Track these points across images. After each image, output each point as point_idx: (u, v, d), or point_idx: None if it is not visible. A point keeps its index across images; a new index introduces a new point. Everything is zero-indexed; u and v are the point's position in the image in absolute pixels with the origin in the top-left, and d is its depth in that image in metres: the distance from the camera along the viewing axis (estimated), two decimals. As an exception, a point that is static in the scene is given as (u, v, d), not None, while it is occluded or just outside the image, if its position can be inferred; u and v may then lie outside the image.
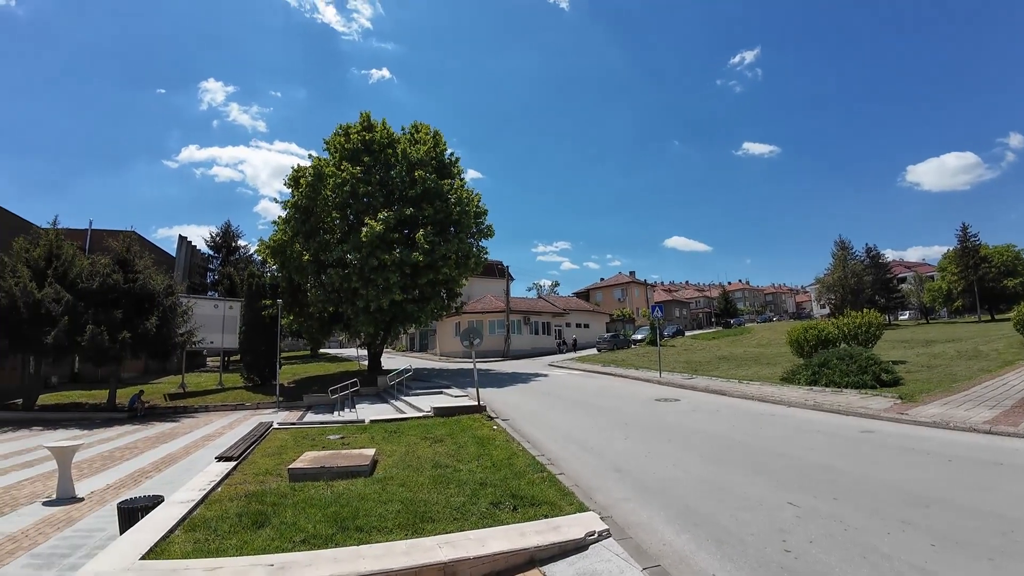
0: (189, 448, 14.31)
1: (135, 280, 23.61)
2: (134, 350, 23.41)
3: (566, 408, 15.44)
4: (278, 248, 26.67)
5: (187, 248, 45.30)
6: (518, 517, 5.73)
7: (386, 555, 4.52)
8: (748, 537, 5.34)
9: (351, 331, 28.56)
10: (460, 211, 27.44)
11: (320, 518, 5.74)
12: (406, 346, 65.07)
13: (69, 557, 6.28)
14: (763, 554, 4.95)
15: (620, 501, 6.69)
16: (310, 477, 7.51)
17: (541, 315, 50.08)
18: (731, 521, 5.79)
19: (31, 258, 22.79)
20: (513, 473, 7.52)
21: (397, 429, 11.94)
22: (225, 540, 5.25)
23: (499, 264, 54.60)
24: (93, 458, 12.93)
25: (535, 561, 4.82)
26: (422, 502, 6.26)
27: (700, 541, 5.33)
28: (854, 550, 4.94)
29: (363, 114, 28.95)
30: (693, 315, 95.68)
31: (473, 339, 15.36)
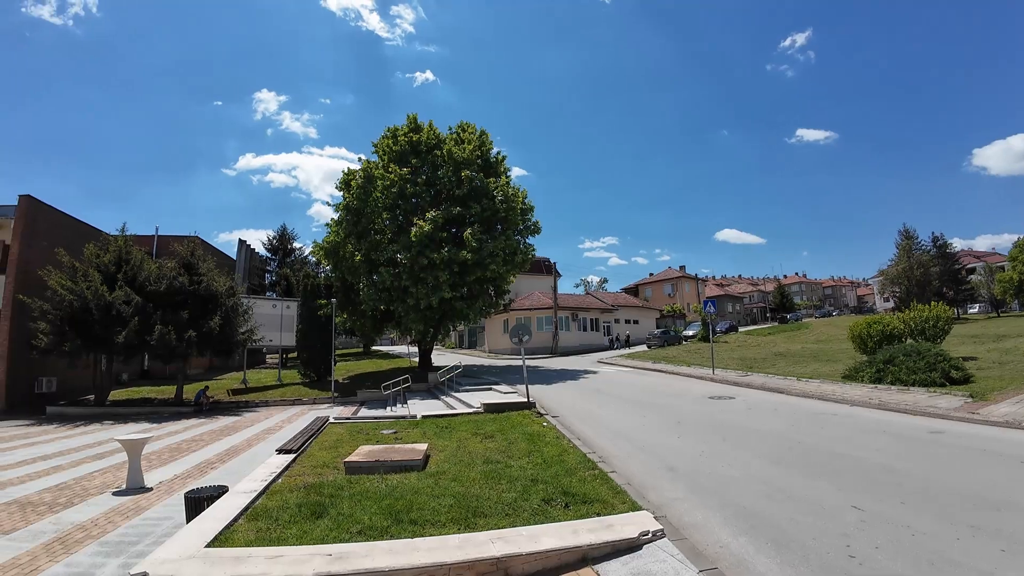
0: (251, 441, 14.92)
1: (199, 282, 24.82)
2: (199, 348, 24.63)
3: (616, 405, 15.28)
4: (331, 249, 27.42)
5: (246, 251, 47.22)
6: (570, 515, 5.71)
7: (440, 548, 4.60)
8: (810, 541, 5.15)
9: (402, 329, 29.12)
10: (506, 208, 27.56)
11: (375, 510, 5.89)
12: (455, 343, 65.83)
13: (137, 545, 6.63)
14: (825, 559, 4.77)
15: (674, 501, 6.57)
16: (365, 470, 7.71)
17: (589, 311, 49.71)
18: (791, 524, 5.60)
19: (102, 263, 24.21)
20: (564, 470, 7.50)
21: (448, 425, 12.11)
22: (285, 529, 5.45)
23: (546, 261, 54.51)
24: (161, 450, 13.63)
25: (588, 559, 4.80)
26: (474, 497, 6.33)
27: (759, 544, 5.17)
28: (921, 556, 4.71)
29: (410, 116, 29.43)
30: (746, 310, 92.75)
31: (522, 336, 15.40)
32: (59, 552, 6.39)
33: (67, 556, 6.25)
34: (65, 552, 6.39)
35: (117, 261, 24.54)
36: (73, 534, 7.12)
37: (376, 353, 49.98)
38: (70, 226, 29.15)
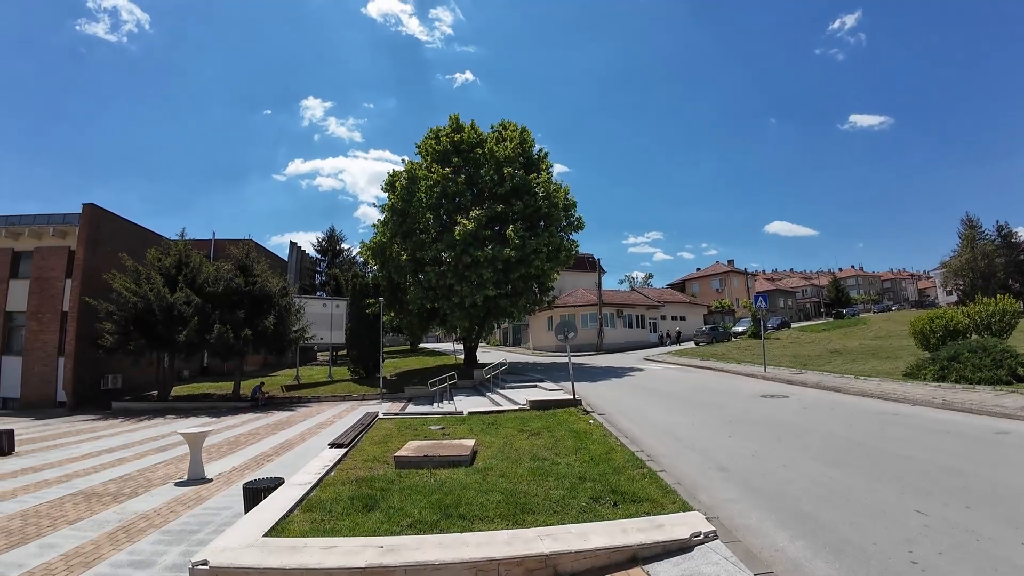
0: (304, 435, 15.36)
1: (254, 283, 25.78)
2: (255, 346, 25.60)
3: (664, 403, 15.02)
4: (378, 249, 28.02)
5: (297, 253, 48.72)
6: (619, 513, 5.64)
7: (489, 543, 4.61)
8: (870, 546, 4.93)
9: (447, 326, 29.46)
10: (549, 205, 27.52)
11: (425, 504, 5.96)
12: (499, 340, 66.11)
13: (197, 533, 6.87)
14: (886, 565, 4.56)
15: (726, 502, 6.40)
16: (414, 465, 7.84)
17: (634, 308, 49.09)
18: (850, 528, 5.37)
19: (163, 266, 25.45)
20: (612, 468, 7.42)
21: (494, 421, 12.17)
22: (339, 521, 5.58)
23: (590, 257, 54.08)
24: (220, 443, 14.17)
25: (638, 559, 4.72)
26: (522, 493, 6.33)
27: (816, 548, 4.97)
28: (987, 563, 4.45)
29: (452, 117, 29.72)
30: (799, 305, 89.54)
31: (567, 332, 15.32)
32: (122, 540, 6.68)
33: (130, 544, 6.52)
34: (128, 540, 6.67)
35: (177, 264, 25.76)
36: (136, 523, 7.43)
37: (422, 350, 50.73)
38: (132, 232, 30.70)
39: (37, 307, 27.94)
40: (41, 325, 27.79)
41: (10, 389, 27.74)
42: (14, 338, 28.61)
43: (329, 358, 36.70)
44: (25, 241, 28.88)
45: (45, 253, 28.49)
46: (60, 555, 6.16)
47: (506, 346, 61.10)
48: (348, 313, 32.43)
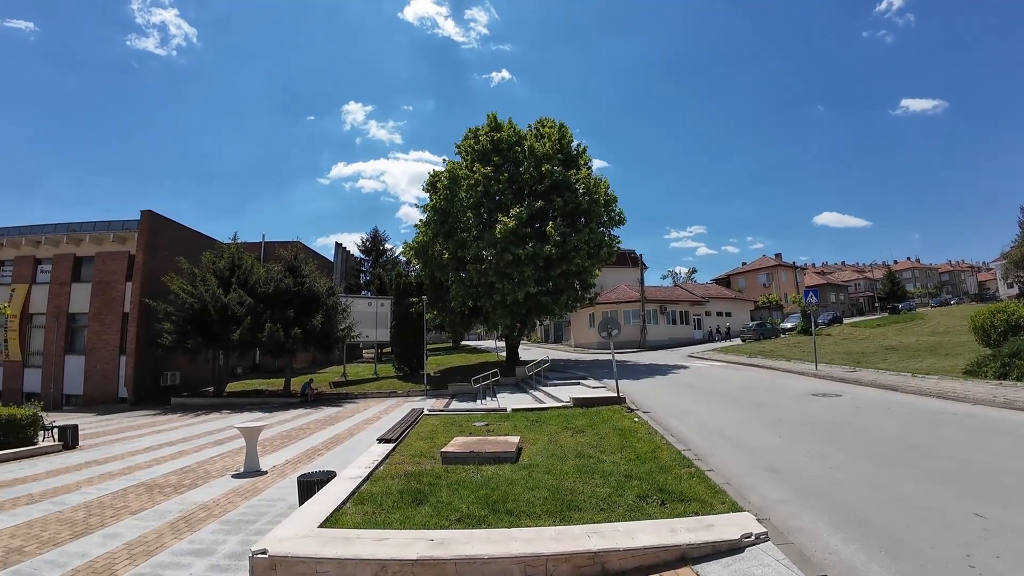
0: (352, 430, 15.74)
1: (303, 283, 26.61)
2: (304, 344, 26.43)
3: (710, 401, 14.76)
4: (421, 249, 28.40)
5: (343, 253, 49.93)
6: (667, 512, 5.59)
7: (536, 539, 4.65)
8: (927, 550, 4.76)
9: (489, 324, 29.64)
10: (589, 201, 27.35)
11: (472, 500, 6.05)
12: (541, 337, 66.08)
13: (254, 523, 7.12)
14: (943, 569, 4.41)
15: (777, 503, 6.26)
16: (460, 461, 7.95)
17: (678, 304, 48.26)
18: (907, 532, 5.19)
19: (217, 269, 26.58)
20: (659, 467, 7.35)
21: (538, 418, 12.20)
22: (389, 514, 5.72)
23: (632, 253, 53.43)
24: (273, 437, 14.65)
25: (687, 559, 4.67)
26: (568, 490, 6.34)
27: (871, 552, 4.82)
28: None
29: (490, 115, 29.84)
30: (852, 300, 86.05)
31: (611, 329, 15.20)
32: (183, 530, 6.96)
33: (191, 533, 6.79)
34: (189, 530, 6.95)
35: (231, 266, 26.83)
36: (197, 513, 7.73)
37: (464, 348, 51.18)
38: (187, 236, 32.10)
39: (99, 309, 29.55)
40: (103, 326, 29.36)
41: (74, 386, 29.43)
42: (77, 338, 30.36)
43: (374, 355, 37.45)
44: (86, 247, 30.55)
45: (106, 258, 30.07)
46: (123, 544, 6.45)
47: (547, 343, 61.06)
48: (392, 312, 33.02)
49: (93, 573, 5.55)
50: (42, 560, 5.93)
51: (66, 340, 30.18)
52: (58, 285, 30.55)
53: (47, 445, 13.94)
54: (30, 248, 31.37)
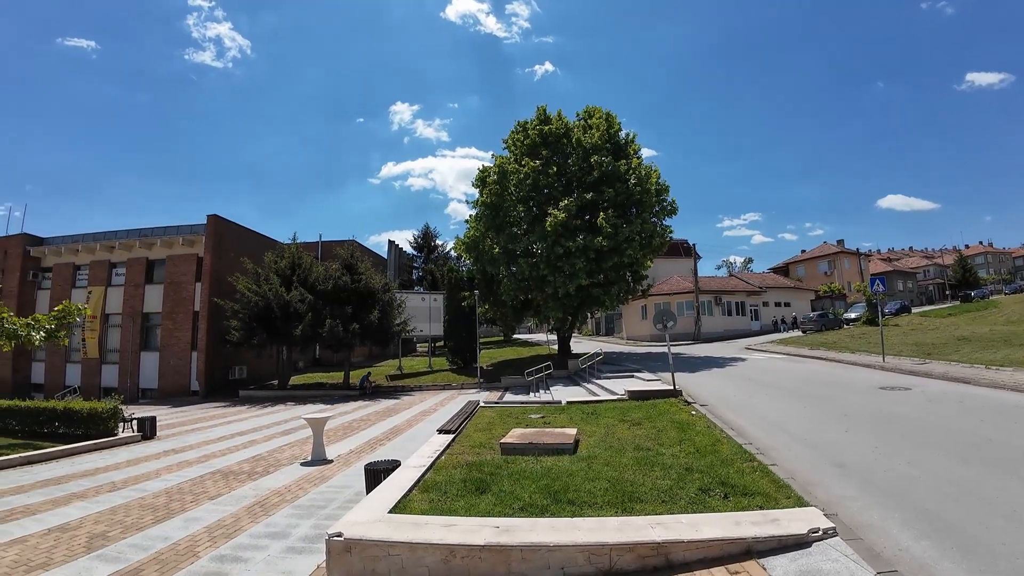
0: (411, 421, 16.19)
1: (359, 280, 27.49)
2: (361, 338, 27.39)
3: (771, 395, 14.37)
4: (472, 244, 28.71)
5: (395, 250, 51.07)
6: (730, 506, 5.54)
7: (600, 529, 4.71)
8: (998, 547, 4.59)
9: (541, 317, 29.76)
10: (640, 190, 26.90)
11: (534, 489, 6.15)
12: (592, 330, 65.74)
13: (324, 508, 7.48)
14: (1017, 566, 4.25)
15: (844, 499, 6.10)
16: (519, 452, 8.08)
17: (734, 294, 47.01)
18: (980, 529, 4.99)
19: (279, 268, 27.80)
20: (719, 460, 7.26)
21: (594, 411, 12.21)
22: (454, 502, 5.90)
23: (684, 243, 52.34)
24: (336, 428, 15.22)
25: (752, 552, 4.63)
26: (628, 482, 6.36)
27: (943, 549, 4.68)
28: None
29: (539, 108, 29.73)
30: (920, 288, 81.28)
31: (666, 321, 14.97)
32: (259, 514, 7.37)
33: (266, 517, 7.19)
34: (264, 514, 7.35)
35: (291, 266, 28.02)
36: (270, 499, 8.16)
37: (516, 341, 51.49)
38: (250, 238, 33.71)
39: (171, 308, 31.46)
40: (175, 324, 31.23)
41: (149, 381, 31.49)
42: (151, 336, 32.39)
43: (428, 349, 38.20)
44: (158, 250, 32.58)
45: (176, 260, 31.95)
46: (204, 527, 6.87)
47: (599, 336, 60.70)
48: (445, 306, 33.64)
49: (176, 555, 5.92)
50: (126, 544, 6.33)
51: (141, 338, 32.22)
52: (132, 287, 32.67)
53: (127, 436, 14.86)
54: (105, 253, 33.67)
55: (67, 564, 5.70)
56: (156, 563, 5.69)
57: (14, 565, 5.64)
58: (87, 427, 14.50)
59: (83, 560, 5.80)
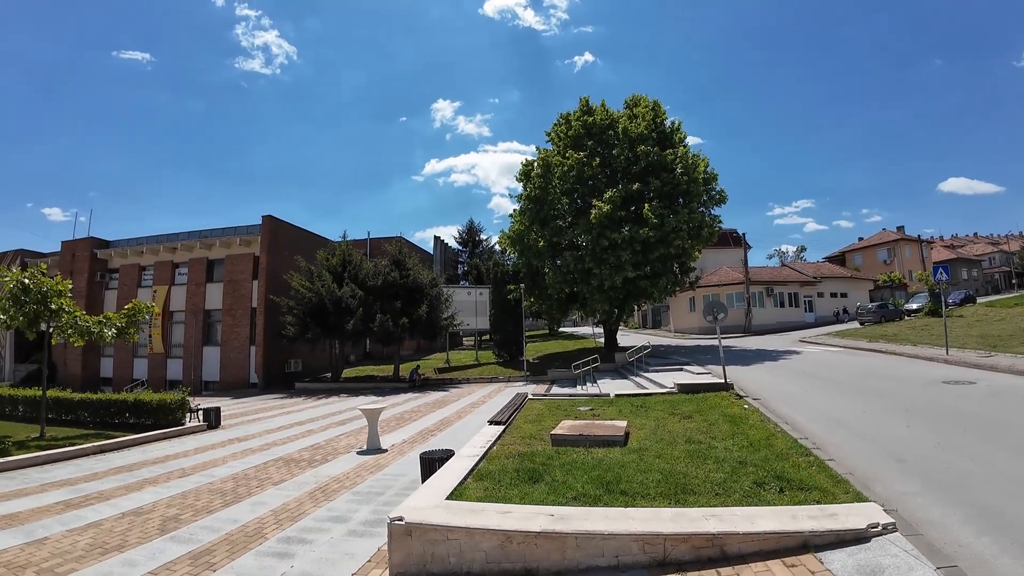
0: (460, 413, 16.51)
1: (407, 276, 28.18)
2: (411, 332, 28.06)
3: (827, 389, 13.98)
4: (516, 237, 28.72)
5: (441, 246, 51.81)
6: (786, 500, 5.49)
7: (653, 519, 4.77)
8: (1063, 544, 4.42)
9: (587, 310, 29.65)
10: (688, 180, 26.38)
11: (586, 480, 6.22)
12: (639, 323, 65.02)
13: (382, 495, 7.79)
14: (1082, 564, 4.08)
15: (904, 495, 5.95)
16: (570, 443, 8.17)
17: (786, 285, 45.55)
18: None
19: (331, 265, 28.78)
20: (774, 454, 7.16)
21: (643, 404, 12.17)
22: (508, 490, 6.03)
23: (733, 232, 51.08)
24: (388, 419, 15.68)
25: (809, 547, 4.60)
26: (680, 474, 6.36)
27: (1004, 545, 4.56)
28: None
29: (581, 99, 29.52)
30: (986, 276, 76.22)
31: (717, 313, 14.69)
32: (320, 499, 7.73)
33: (327, 502, 7.54)
34: (326, 499, 7.71)
35: (342, 263, 28.97)
36: (330, 485, 8.54)
37: (561, 334, 51.43)
38: (302, 237, 35.05)
39: (231, 305, 33.01)
40: (234, 320, 32.77)
41: (211, 373, 33.19)
42: (212, 332, 34.14)
43: (475, 342, 38.64)
44: (217, 250, 34.28)
45: (235, 259, 33.49)
46: (270, 511, 7.25)
47: (645, 329, 60.03)
48: (491, 300, 33.96)
49: (245, 536, 6.27)
50: (198, 526, 6.72)
51: (203, 333, 33.97)
52: (194, 285, 34.50)
53: (193, 425, 15.71)
54: (167, 254, 35.72)
55: (142, 546, 6.06)
56: (227, 544, 6.04)
57: (89, 548, 6.00)
58: (157, 417, 15.36)
59: (157, 542, 6.18)
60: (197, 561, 5.56)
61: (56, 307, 14.24)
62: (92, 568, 5.44)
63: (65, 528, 6.76)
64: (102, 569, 5.42)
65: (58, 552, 5.89)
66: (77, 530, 6.69)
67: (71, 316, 14.64)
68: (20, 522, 7.01)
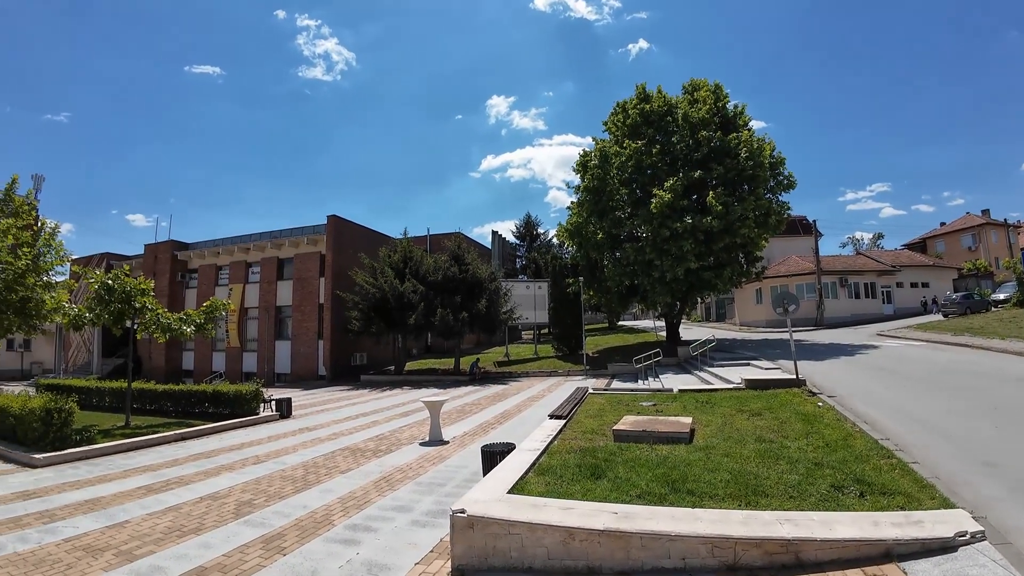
0: (520, 407, 16.56)
1: (466, 271, 28.56)
2: (471, 326, 28.49)
3: (908, 386, 13.14)
4: (574, 230, 28.40)
5: (498, 240, 52.15)
6: (866, 505, 5.19)
7: (722, 521, 4.61)
8: None
9: (647, 302, 29.03)
10: (753, 165, 25.11)
11: (650, 477, 6.09)
12: (701, 316, 63.33)
13: (444, 486, 7.90)
14: None
15: (994, 501, 5.57)
16: (633, 439, 8.03)
17: (862, 274, 42.90)
18: None
19: (392, 261, 29.60)
20: (853, 456, 6.79)
21: (708, 400, 11.83)
22: (570, 486, 5.98)
23: (803, 219, 48.76)
24: (449, 411, 15.89)
25: (892, 555, 4.33)
26: (751, 475, 6.14)
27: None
28: None
29: (638, 87, 28.70)
30: (1091, 263, 69.83)
31: (787, 305, 13.98)
32: (385, 488, 7.93)
33: (391, 492, 7.72)
34: (390, 488, 7.90)
35: (403, 259, 29.73)
36: (394, 475, 8.74)
37: (621, 328, 50.75)
38: (365, 235, 36.32)
39: (300, 301, 34.63)
40: (304, 315, 34.35)
41: (283, 366, 34.95)
42: (283, 327, 35.91)
43: (533, 336, 38.74)
44: (286, 250, 36.10)
45: (303, 258, 35.12)
46: (337, 498, 7.49)
47: (708, 322, 58.39)
48: (549, 294, 33.91)
49: (314, 522, 6.50)
50: (270, 511, 7.01)
51: (275, 328, 35.72)
52: (266, 283, 36.37)
53: (266, 415, 16.49)
54: (241, 254, 37.93)
55: (218, 528, 6.37)
56: (297, 529, 6.28)
57: (167, 531, 6.35)
58: (233, 407, 16.19)
59: (232, 525, 6.49)
60: (269, 545, 5.80)
61: (139, 305, 15.20)
62: (170, 550, 5.74)
63: (146, 512, 7.18)
64: (179, 551, 5.71)
65: (137, 535, 6.24)
66: (157, 513, 7.09)
67: (154, 313, 15.61)
68: (103, 507, 7.48)
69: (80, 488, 8.58)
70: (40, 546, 5.89)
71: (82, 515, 7.06)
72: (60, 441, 11.20)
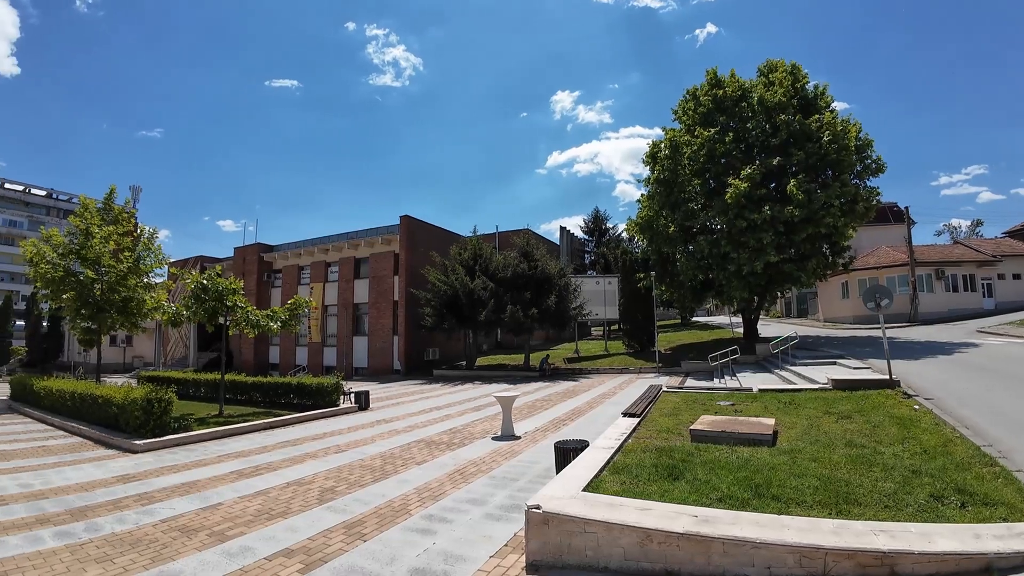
0: (591, 403, 16.47)
1: (535, 267, 28.73)
2: (540, 322, 28.63)
3: (1014, 388, 12.01)
4: (645, 224, 27.73)
5: (567, 236, 52.02)
6: (968, 516, 4.84)
7: (812, 530, 4.40)
8: None
9: (723, 297, 28.00)
10: (837, 148, 23.52)
11: (732, 480, 5.92)
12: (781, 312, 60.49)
13: (517, 481, 7.96)
14: None
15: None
16: (711, 440, 7.82)
17: (960, 266, 39.37)
18: None
19: (463, 259, 30.24)
20: (953, 464, 6.33)
21: (791, 400, 11.31)
22: (646, 486, 5.89)
23: (893, 206, 45.38)
24: (520, 407, 16.02)
25: (992, 570, 4.03)
26: (842, 482, 5.84)
27: None
28: None
29: (708, 72, 27.42)
30: None
31: (880, 299, 12.99)
32: (459, 481, 8.09)
33: (465, 484, 7.86)
34: (464, 481, 8.05)
35: (474, 256, 30.32)
36: (468, 468, 8.91)
37: (694, 324, 49.32)
38: (436, 233, 37.43)
39: (375, 299, 36.15)
40: (379, 312, 35.81)
41: (360, 360, 36.63)
42: (360, 323, 37.66)
43: (603, 332, 38.37)
44: (362, 250, 37.86)
45: (378, 257, 36.65)
46: (414, 489, 7.72)
47: (789, 318, 55.70)
48: (619, 289, 33.49)
49: (392, 511, 6.72)
50: (351, 498, 7.31)
51: (352, 325, 37.40)
52: (344, 282, 38.27)
53: (346, 407, 17.23)
54: (321, 255, 40.21)
55: (303, 513, 6.72)
56: (376, 516, 6.53)
57: (257, 514, 6.75)
58: (315, 399, 17.05)
59: (316, 511, 6.82)
60: (350, 531, 6.06)
61: (231, 304, 16.35)
62: (259, 532, 6.10)
63: (237, 495, 7.65)
64: (267, 533, 6.06)
65: (229, 516, 6.68)
66: (247, 497, 7.52)
67: (244, 311, 16.73)
68: (198, 490, 8.03)
69: (177, 472, 9.24)
70: (138, 527, 6.33)
71: (178, 497, 7.59)
72: (160, 428, 12.09)
